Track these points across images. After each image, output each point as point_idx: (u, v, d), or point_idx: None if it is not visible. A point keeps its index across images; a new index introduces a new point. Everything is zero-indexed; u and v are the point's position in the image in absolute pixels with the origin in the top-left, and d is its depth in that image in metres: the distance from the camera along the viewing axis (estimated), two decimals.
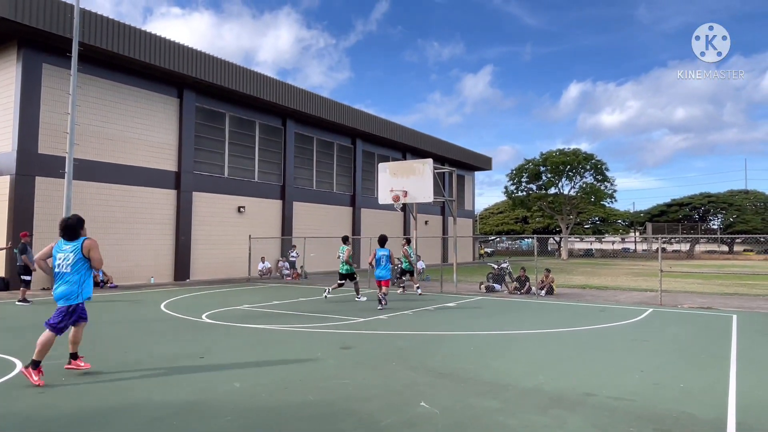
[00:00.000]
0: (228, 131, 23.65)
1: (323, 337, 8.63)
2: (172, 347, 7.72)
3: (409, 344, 8.07)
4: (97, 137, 18.58)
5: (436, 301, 14.45)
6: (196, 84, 21.47)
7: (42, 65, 17.15)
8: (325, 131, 29.26)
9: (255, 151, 25.03)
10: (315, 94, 27.02)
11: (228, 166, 23.64)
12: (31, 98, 16.88)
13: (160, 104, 20.76)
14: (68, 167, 16.16)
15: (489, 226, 74.41)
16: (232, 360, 6.90)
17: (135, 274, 19.56)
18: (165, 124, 20.91)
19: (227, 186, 23.43)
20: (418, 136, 35.64)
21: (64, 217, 15.94)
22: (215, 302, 13.65)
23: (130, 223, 19.57)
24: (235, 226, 23.55)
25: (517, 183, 57.40)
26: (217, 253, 22.76)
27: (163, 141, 20.85)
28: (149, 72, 19.93)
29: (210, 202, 22.58)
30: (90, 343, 8.04)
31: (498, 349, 7.78)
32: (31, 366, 5.59)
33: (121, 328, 9.54)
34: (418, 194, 16.53)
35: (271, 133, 25.94)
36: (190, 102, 21.66)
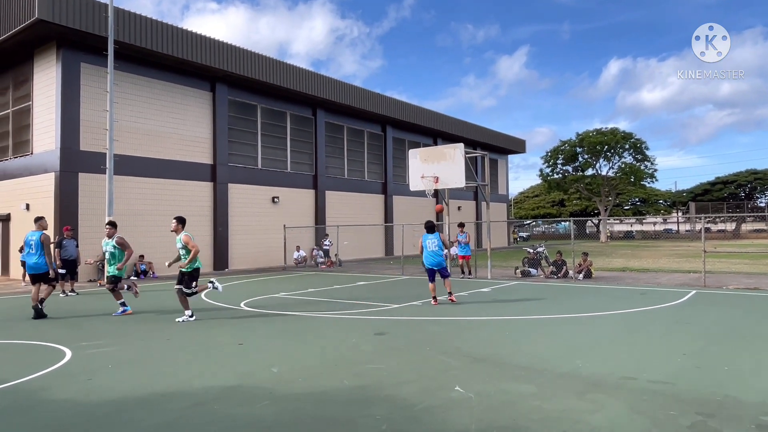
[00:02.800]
0: (260, 123, 23.96)
1: (358, 324, 8.71)
2: (212, 334, 7.94)
3: (443, 330, 8.07)
4: (134, 133, 19.14)
5: (471, 286, 14.37)
6: (228, 77, 21.80)
7: (80, 64, 17.72)
8: (355, 119, 29.28)
9: (287, 142, 25.29)
10: (344, 82, 27.03)
11: (261, 157, 24.00)
12: (72, 97, 17.49)
13: (194, 98, 21.19)
14: (109, 163, 16.75)
15: (524, 211, 73.25)
16: (270, 346, 7.05)
17: (175, 265, 20.11)
18: (199, 117, 21.35)
19: (261, 177, 23.80)
20: (450, 121, 35.26)
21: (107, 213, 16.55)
22: (253, 291, 13.96)
23: (170, 215, 20.11)
24: (270, 216, 23.95)
25: (552, 165, 56.20)
26: (253, 242, 23.23)
27: (198, 134, 21.30)
28: (182, 67, 20.34)
29: (245, 193, 23.00)
30: (133, 331, 8.37)
31: (533, 334, 7.69)
32: None
33: (164, 317, 9.87)
34: (450, 180, 16.39)
35: (302, 123, 26.14)
36: (222, 95, 22.02)
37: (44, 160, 17.87)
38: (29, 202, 18.35)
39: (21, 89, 19.22)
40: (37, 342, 7.53)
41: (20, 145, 19.20)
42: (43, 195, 17.78)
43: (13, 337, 8.03)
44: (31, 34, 17.05)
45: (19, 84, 19.35)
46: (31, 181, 18.41)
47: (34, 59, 18.47)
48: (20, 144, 19.20)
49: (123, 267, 10.41)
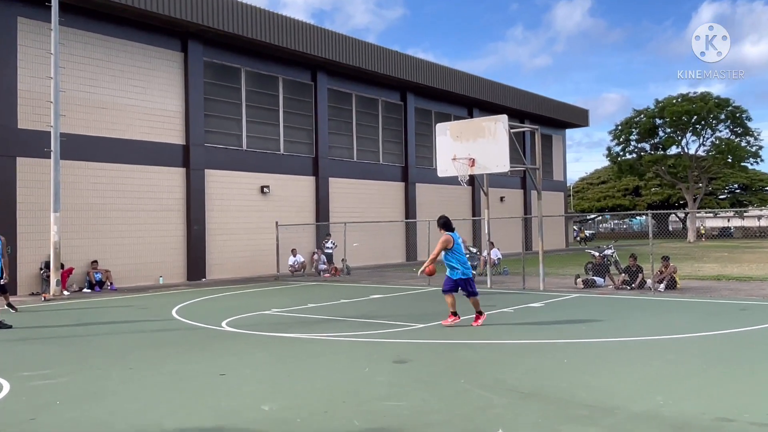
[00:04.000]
0: (245, 91, 24.11)
1: (372, 348, 8.74)
2: (186, 362, 8.03)
3: (481, 356, 8.05)
4: (86, 106, 19.40)
5: (517, 300, 14.31)
6: (204, 33, 21.97)
7: (17, 19, 18.00)
8: (366, 85, 29.31)
9: (279, 115, 25.42)
10: (353, 38, 27.07)
11: (246, 135, 24.16)
12: (7, 61, 17.78)
13: (161, 61, 21.39)
14: (54, 144, 17.03)
15: (587, 202, 72.70)
16: (260, 377, 7.11)
17: (139, 274, 20.46)
18: (167, 85, 21.56)
19: (247, 161, 23.97)
20: (489, 85, 35.11)
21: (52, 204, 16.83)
22: (237, 306, 14.08)
23: (131, 210, 20.42)
24: (258, 210, 24.13)
25: (624, 142, 55.62)
26: (237, 245, 23.43)
27: (166, 107, 21.52)
28: (146, 21, 20.54)
29: (227, 182, 23.20)
30: (87, 357, 8.51)
31: (599, 362, 7.62)
32: None
33: (124, 340, 10.00)
34: (490, 162, 16.31)
35: (299, 91, 26.24)
36: (196, 56, 22.20)
37: None
38: None
39: None
40: None
41: None
42: None
43: None
44: None
45: None
46: None
47: None
48: None
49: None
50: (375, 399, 6.08)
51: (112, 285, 19.23)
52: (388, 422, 5.34)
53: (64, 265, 17.96)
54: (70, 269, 18.43)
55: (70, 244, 18.54)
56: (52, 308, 14.77)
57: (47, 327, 11.81)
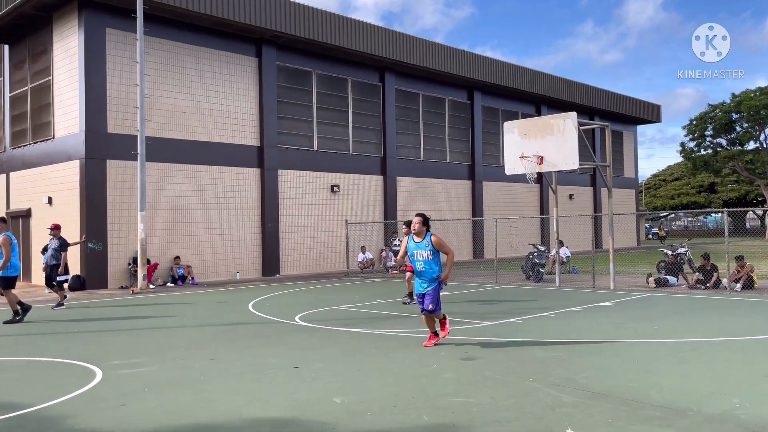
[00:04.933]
0: (315, 93, 24.51)
1: (440, 345, 8.74)
2: (262, 355, 8.27)
3: (550, 355, 7.92)
4: (168, 111, 20.21)
5: (586, 299, 13.98)
6: (277, 38, 22.48)
7: (105, 30, 18.94)
8: (433, 85, 29.24)
9: (348, 116, 25.71)
10: (421, 38, 27.06)
11: (317, 136, 24.56)
12: (97, 70, 18.74)
13: (237, 66, 22.03)
14: (140, 147, 17.85)
15: (660, 199, 70.07)
16: (332, 371, 7.24)
17: (218, 269, 21.17)
18: (243, 90, 22.18)
19: (318, 161, 24.38)
20: (558, 82, 34.33)
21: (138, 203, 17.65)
22: (309, 301, 14.37)
23: (210, 209, 21.15)
24: (328, 209, 24.50)
25: (698, 138, 53.23)
26: (309, 242, 23.86)
27: (242, 110, 22.15)
28: (223, 29, 21.21)
29: (298, 181, 23.67)
30: (171, 348, 8.89)
31: (673, 362, 7.37)
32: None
33: (205, 332, 10.39)
34: (558, 159, 15.98)
35: (367, 92, 26.45)
36: (270, 61, 22.74)
37: (67, 145, 19.30)
38: (51, 195, 19.93)
39: (39, 62, 20.85)
40: (63, 360, 8.19)
41: (40, 129, 20.86)
42: (67, 186, 19.22)
43: (38, 353, 8.77)
44: None
45: (37, 56, 21.00)
46: (53, 170, 19.96)
47: (53, 25, 19.96)
48: (40, 127, 20.86)
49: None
50: (443, 395, 6.09)
51: (193, 280, 19.98)
52: (456, 418, 5.34)
53: (150, 260, 18.81)
54: (155, 264, 19.27)
55: (155, 241, 19.39)
56: (139, 301, 15.50)
57: (135, 319, 12.40)
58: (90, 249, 18.34)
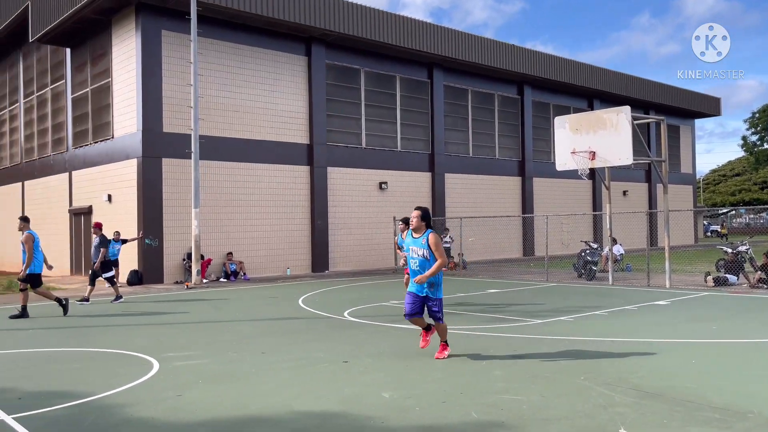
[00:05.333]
0: (364, 91, 24.64)
1: (489, 342, 8.69)
2: (312, 349, 8.39)
3: (602, 353, 7.78)
4: (221, 110, 20.67)
5: (641, 297, 13.65)
6: (326, 36, 22.68)
7: (161, 32, 19.48)
8: (483, 80, 28.98)
9: (396, 113, 25.74)
10: (470, 34, 26.86)
11: (365, 133, 24.69)
12: (153, 71, 19.31)
13: (287, 65, 22.34)
14: (194, 146, 18.31)
15: (720, 196, 67.66)
16: (380, 366, 7.30)
17: (269, 265, 21.55)
18: (293, 88, 22.48)
19: (366, 158, 24.52)
20: (611, 76, 33.53)
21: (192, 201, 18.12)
22: (358, 297, 14.49)
23: (261, 206, 21.54)
24: (376, 206, 24.61)
25: (762, 131, 51.20)
26: (357, 239, 24.03)
27: (292, 109, 22.45)
28: (273, 28, 21.54)
29: (347, 178, 23.86)
30: (224, 341, 9.11)
31: (732, 364, 7.14)
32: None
33: (256, 326, 10.61)
34: (611, 155, 15.63)
35: (416, 89, 26.43)
36: (319, 59, 22.97)
37: (126, 144, 19.97)
38: (111, 193, 20.65)
39: (99, 64, 21.62)
40: (122, 351, 8.50)
41: (100, 129, 21.64)
42: (126, 184, 19.89)
43: (99, 344, 9.13)
44: (108, 0, 19.07)
45: (97, 58, 21.78)
46: (112, 168, 20.69)
47: (112, 28, 20.66)
48: (100, 127, 21.64)
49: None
50: (492, 392, 6.06)
51: (245, 275, 20.40)
52: (505, 416, 5.31)
53: (204, 256, 19.30)
54: (208, 260, 19.76)
55: (209, 237, 19.88)
56: (193, 296, 15.92)
57: (189, 313, 12.74)
58: (147, 245, 18.94)
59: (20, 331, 10.62)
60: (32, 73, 26.70)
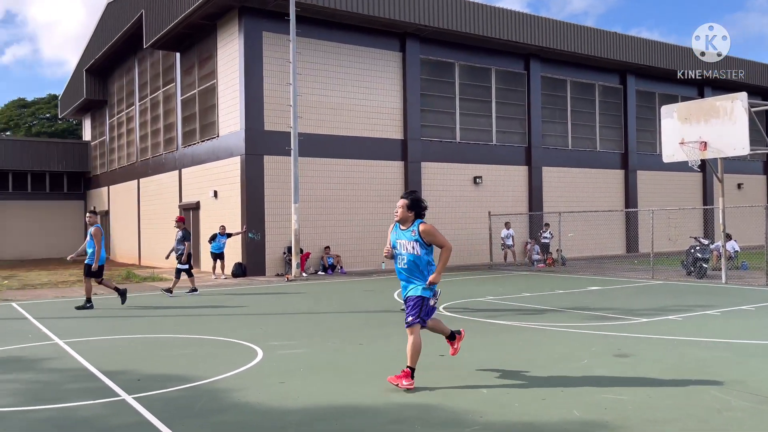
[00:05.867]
0: (458, 85, 24.47)
1: (591, 340, 8.43)
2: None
3: (715, 355, 7.34)
4: (318, 107, 21.19)
5: (758, 297, 12.75)
6: (420, 31, 22.70)
7: (262, 34, 20.22)
8: (582, 70, 27.98)
9: (491, 107, 25.38)
10: (568, 23, 26.03)
11: (460, 128, 24.52)
12: (254, 71, 20.08)
13: (382, 62, 22.56)
14: (293, 143, 18.90)
15: None
16: (477, 360, 7.25)
17: (365, 259, 21.89)
18: (388, 84, 22.68)
19: (460, 152, 24.35)
20: (723, 61, 31.34)
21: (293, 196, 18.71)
22: (453, 292, 14.44)
23: (357, 201, 21.92)
24: (471, 200, 24.40)
25: None
26: (451, 234, 23.87)
27: (387, 105, 22.66)
28: (368, 25, 21.81)
29: (441, 173, 23.81)
30: (323, 331, 9.37)
31: None
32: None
33: (354, 318, 10.83)
34: (725, 145, 14.67)
35: (511, 81, 25.94)
36: (414, 54, 23.03)
37: (230, 142, 20.91)
38: (217, 189, 21.70)
39: (205, 67, 22.75)
40: (229, 339, 8.94)
41: (207, 128, 22.78)
42: (230, 181, 20.83)
43: (207, 332, 9.65)
44: (214, 5, 20.00)
45: (203, 61, 22.93)
46: (218, 166, 21.73)
47: (217, 32, 21.66)
48: (207, 126, 22.78)
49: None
50: (595, 391, 5.88)
51: (342, 269, 20.84)
52: (609, 415, 5.13)
53: (303, 250, 19.89)
54: (307, 254, 20.36)
55: (307, 231, 20.47)
56: (294, 288, 16.47)
57: (290, 304, 13.20)
58: (250, 239, 19.76)
59: (137, 318, 11.41)
60: (146, 77, 28.50)
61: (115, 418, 5.38)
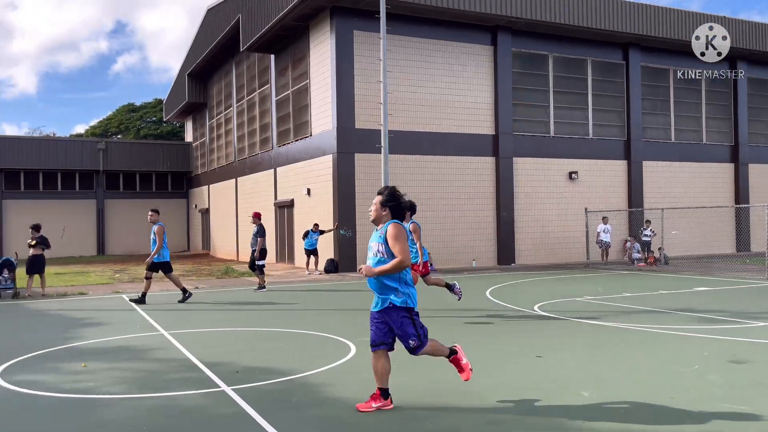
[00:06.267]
0: (552, 77, 23.72)
1: (700, 344, 7.89)
2: (503, 342, 8.25)
3: None
4: (408, 104, 21.15)
5: None
6: (512, 24, 22.18)
7: (353, 32, 20.42)
8: (687, 58, 26.30)
9: (587, 99, 24.43)
10: (671, 8, 24.62)
11: (553, 121, 23.78)
12: (346, 70, 20.31)
13: (472, 56, 22.23)
14: (384, 141, 18.94)
15: None
16: (577, 362, 6.95)
17: (455, 257, 21.68)
18: (478, 79, 22.32)
19: (554, 147, 23.62)
20: None
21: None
22: (547, 291, 14.01)
23: (447, 197, 21.72)
24: (565, 197, 23.63)
25: None
26: (545, 231, 23.29)
27: (477, 100, 22.31)
28: (459, 20, 21.54)
29: (533, 169, 23.19)
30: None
31: None
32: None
33: (445, 318, 10.69)
34: None
35: (608, 72, 24.87)
36: (505, 48, 22.54)
37: (322, 141, 21.28)
38: (310, 187, 22.15)
39: (299, 68, 23.27)
40: (321, 333, 9.04)
41: (300, 128, 23.30)
42: (323, 179, 21.21)
43: (300, 326, 9.81)
44: (307, 6, 20.38)
45: (297, 62, 23.46)
46: (311, 164, 22.18)
47: (310, 33, 22.09)
48: (300, 126, 23.30)
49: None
50: (708, 399, 5.46)
51: (432, 266, 20.62)
52: (728, 428, 4.74)
53: None
54: None
55: None
56: None
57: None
58: (342, 235, 20.03)
59: (235, 312, 11.80)
60: (243, 80, 29.55)
61: (215, 409, 5.53)
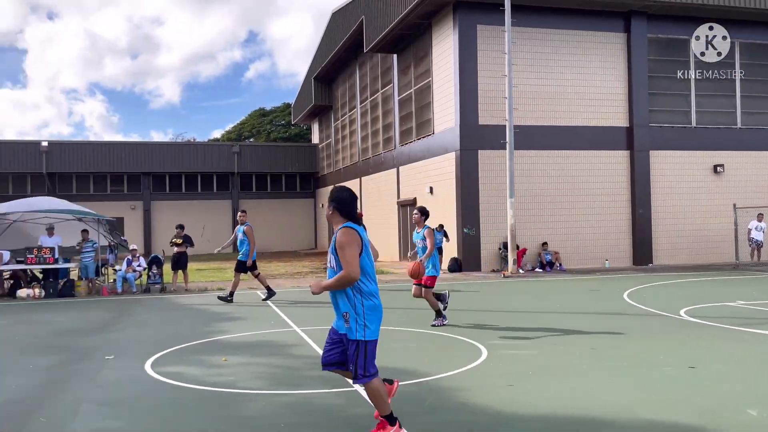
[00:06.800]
0: (693, 63, 21.94)
1: None
2: (647, 349, 7.62)
3: None
4: (533, 98, 20.42)
5: None
6: (648, 8, 20.76)
7: (476, 27, 20.01)
8: None
9: (735, 85, 22.36)
10: None
11: (695, 111, 22.01)
12: (469, 66, 19.95)
13: (601, 46, 21.07)
14: (509, 136, 18.45)
15: None
16: (738, 375, 6.26)
17: (585, 256, 20.66)
18: (609, 68, 21.12)
19: (696, 139, 21.87)
20: None
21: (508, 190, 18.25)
22: (692, 295, 12.94)
23: (577, 194, 20.74)
24: (710, 192, 21.82)
25: None
26: (686, 229, 21.64)
27: (609, 90, 21.12)
28: (588, 7, 20.49)
29: (673, 162, 21.61)
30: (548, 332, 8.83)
31: None
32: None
33: (581, 321, 10.11)
34: None
35: (761, 55, 22.62)
36: (639, 34, 21.16)
37: (445, 139, 21.06)
38: (432, 185, 22.02)
39: (421, 66, 23.20)
40: (451, 335, 8.85)
41: (422, 126, 23.23)
42: (445, 177, 20.99)
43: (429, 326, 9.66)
44: (430, 3, 20.24)
45: (419, 61, 23.41)
46: (433, 162, 22.04)
47: (432, 30, 21.94)
48: (422, 124, 23.23)
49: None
50: None
51: (561, 266, 19.87)
52: None
53: (519, 245, 19.33)
54: (524, 250, 19.75)
55: (523, 227, 19.86)
56: (511, 284, 16.04)
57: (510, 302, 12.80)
58: (465, 234, 19.71)
59: None
60: (366, 81, 30.01)
61: (348, 409, 5.51)
